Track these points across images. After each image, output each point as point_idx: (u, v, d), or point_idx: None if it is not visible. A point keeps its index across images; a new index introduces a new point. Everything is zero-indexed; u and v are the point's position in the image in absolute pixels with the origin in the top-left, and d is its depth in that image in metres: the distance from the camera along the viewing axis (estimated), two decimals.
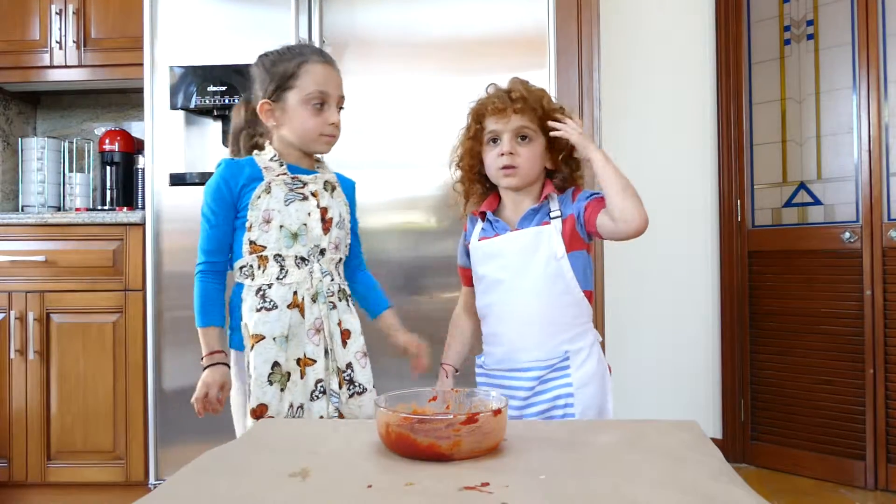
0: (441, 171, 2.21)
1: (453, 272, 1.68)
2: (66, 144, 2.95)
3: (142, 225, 2.36)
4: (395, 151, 2.25)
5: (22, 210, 2.87)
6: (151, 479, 2.31)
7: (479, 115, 1.50)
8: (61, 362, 2.39)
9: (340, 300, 1.52)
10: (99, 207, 2.89)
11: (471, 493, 0.81)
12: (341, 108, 1.54)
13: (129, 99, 2.99)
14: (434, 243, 2.23)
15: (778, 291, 2.75)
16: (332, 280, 1.51)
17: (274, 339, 1.43)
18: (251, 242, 1.47)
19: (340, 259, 1.57)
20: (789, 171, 2.74)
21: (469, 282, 1.59)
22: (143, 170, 2.71)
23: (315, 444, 1.03)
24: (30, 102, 3.05)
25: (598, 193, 1.44)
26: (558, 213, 1.47)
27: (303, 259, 1.48)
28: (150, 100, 2.31)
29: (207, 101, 2.25)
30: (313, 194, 1.51)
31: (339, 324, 1.50)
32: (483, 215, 1.53)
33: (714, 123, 2.96)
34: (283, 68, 1.49)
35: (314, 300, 1.46)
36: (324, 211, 1.51)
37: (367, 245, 2.23)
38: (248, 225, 1.47)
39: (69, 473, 2.38)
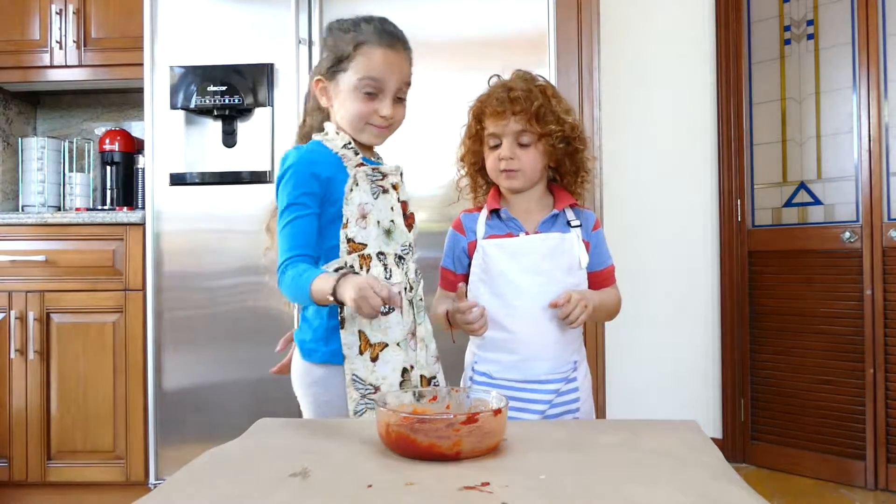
0: (440, 170, 2.22)
1: None
2: (66, 144, 2.95)
3: (142, 225, 2.36)
4: (395, 151, 2.25)
5: (22, 210, 2.87)
6: (151, 479, 2.31)
7: (478, 116, 1.44)
8: (61, 362, 2.39)
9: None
10: (99, 207, 2.89)
11: (471, 493, 0.81)
12: (401, 97, 1.38)
13: (129, 99, 2.98)
14: (436, 243, 2.22)
15: (778, 291, 2.75)
16: (421, 282, 1.41)
17: (398, 344, 1.31)
18: (349, 240, 1.31)
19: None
20: (789, 171, 2.74)
21: (453, 286, 1.45)
22: (143, 170, 2.71)
23: (315, 444, 1.03)
24: (30, 102, 3.05)
25: (610, 261, 1.48)
26: (578, 222, 1.43)
27: (400, 258, 1.36)
28: (150, 100, 2.31)
29: (207, 101, 2.25)
30: (394, 187, 1.38)
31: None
32: (495, 212, 1.45)
33: (714, 123, 2.96)
34: (341, 47, 1.33)
35: (411, 303, 1.36)
36: (404, 205, 1.40)
37: None
38: (344, 221, 1.30)
39: (69, 473, 2.38)
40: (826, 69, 2.64)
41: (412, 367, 1.33)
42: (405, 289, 1.35)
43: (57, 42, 2.66)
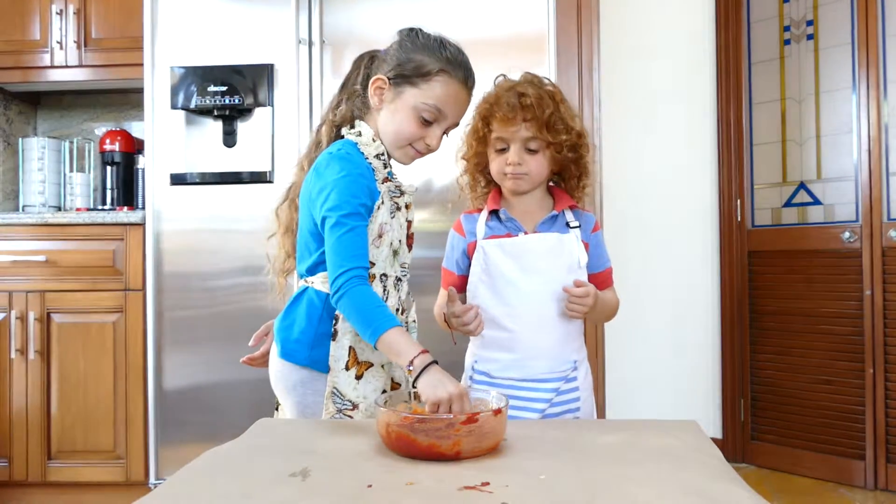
0: (439, 170, 2.22)
1: None
2: (67, 144, 2.95)
3: (142, 225, 2.36)
4: None
5: (22, 210, 2.87)
6: (151, 479, 2.31)
7: (486, 118, 1.42)
8: (61, 362, 2.39)
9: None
10: (99, 207, 2.89)
11: (471, 492, 0.81)
12: (447, 133, 1.38)
13: (129, 99, 2.99)
14: (436, 243, 2.22)
15: (778, 291, 2.75)
16: (414, 305, 1.42)
17: (382, 365, 1.32)
18: None
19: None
20: (789, 171, 2.74)
21: (454, 287, 1.45)
22: (143, 170, 2.71)
23: (315, 444, 1.03)
24: (30, 102, 3.05)
25: (608, 264, 1.48)
26: (577, 224, 1.43)
27: (398, 280, 1.37)
28: (150, 100, 2.31)
29: (208, 101, 2.25)
30: (406, 206, 1.39)
31: None
32: (495, 213, 1.45)
33: (714, 123, 2.96)
34: (420, 61, 1.30)
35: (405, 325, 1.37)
36: (409, 225, 1.41)
37: None
38: None
39: (69, 473, 2.39)
40: (826, 69, 2.64)
41: (399, 386, 1.35)
42: (397, 310, 1.36)
43: (57, 42, 2.66)
